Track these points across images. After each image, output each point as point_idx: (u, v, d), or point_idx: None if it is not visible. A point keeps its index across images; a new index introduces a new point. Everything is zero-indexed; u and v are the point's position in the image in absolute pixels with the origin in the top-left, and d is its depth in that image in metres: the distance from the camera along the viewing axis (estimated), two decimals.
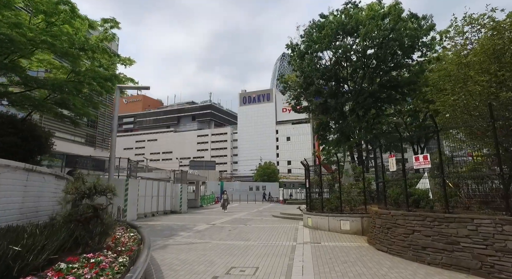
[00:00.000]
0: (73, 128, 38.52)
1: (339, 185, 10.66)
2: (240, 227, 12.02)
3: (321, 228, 10.66)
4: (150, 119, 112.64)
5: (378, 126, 22.71)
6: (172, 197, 20.05)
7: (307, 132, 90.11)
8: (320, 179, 11.42)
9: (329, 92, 22.99)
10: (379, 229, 7.50)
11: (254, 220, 15.47)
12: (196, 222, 13.73)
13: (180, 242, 8.70)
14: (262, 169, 62.27)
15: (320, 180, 11.40)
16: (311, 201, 12.19)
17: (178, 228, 11.60)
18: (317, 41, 21.17)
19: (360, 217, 9.53)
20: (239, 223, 13.82)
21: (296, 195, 46.25)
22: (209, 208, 26.52)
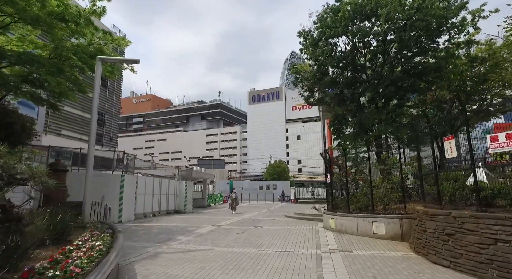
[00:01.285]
0: (79, 126, 37.73)
1: (370, 179, 8.79)
2: (249, 230, 10.31)
3: (347, 231, 8.84)
4: (159, 118, 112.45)
5: (400, 117, 20.64)
6: (176, 196, 18.51)
7: (317, 131, 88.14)
8: (346, 173, 9.57)
9: (346, 82, 21.01)
10: (433, 235, 5.65)
11: (266, 221, 13.73)
12: (199, 224, 12.09)
13: (175, 249, 7.04)
14: (272, 168, 60.45)
15: (346, 174, 9.54)
16: (333, 199, 10.35)
17: (177, 230, 9.97)
18: (332, 26, 19.24)
19: (398, 218, 7.67)
20: (249, 224, 12.10)
21: (308, 194, 44.19)
22: (216, 208, 24.93)
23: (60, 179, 9.26)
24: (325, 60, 20.68)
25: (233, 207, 18.27)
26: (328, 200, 11.11)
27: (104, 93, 45.46)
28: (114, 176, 12.28)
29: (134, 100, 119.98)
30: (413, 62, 19.43)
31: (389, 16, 17.04)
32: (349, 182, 10.45)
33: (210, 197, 28.57)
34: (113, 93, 47.08)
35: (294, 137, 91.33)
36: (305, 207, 27.15)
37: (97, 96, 7.25)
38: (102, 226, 6.55)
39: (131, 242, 7.75)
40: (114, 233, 5.70)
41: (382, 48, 19.29)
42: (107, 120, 46.18)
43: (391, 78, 18.83)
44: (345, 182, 10.35)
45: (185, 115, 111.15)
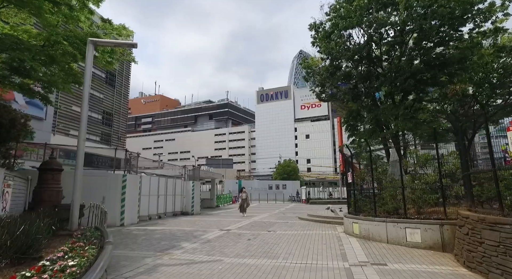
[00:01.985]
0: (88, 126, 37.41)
1: (401, 178, 7.63)
2: (262, 235, 9.28)
3: (374, 238, 7.72)
4: (168, 118, 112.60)
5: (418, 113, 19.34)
6: (183, 196, 17.63)
7: (326, 130, 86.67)
8: (372, 171, 8.43)
9: (361, 75, 19.76)
10: (496, 249, 4.51)
11: (278, 224, 12.69)
12: (207, 227, 11.14)
13: (178, 260, 6.07)
14: (282, 167, 59.29)
15: (372, 173, 8.41)
16: (356, 201, 9.22)
17: (182, 235, 9.03)
18: (346, 16, 18.05)
19: (438, 224, 6.51)
20: (261, 228, 11.08)
21: (320, 194, 42.79)
22: (225, 209, 24.01)
23: (54, 179, 8.45)
24: (338, 53, 19.47)
25: (243, 208, 16.44)
26: (349, 202, 9.99)
27: (112, 92, 45.25)
28: (115, 176, 11.44)
29: (142, 100, 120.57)
30: (434, 53, 18.05)
31: (409, 3, 15.72)
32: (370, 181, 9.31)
33: (219, 197, 27.69)
34: (121, 93, 46.79)
35: (303, 136, 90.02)
36: (318, 208, 25.95)
37: (88, 83, 6.34)
38: (93, 233, 5.63)
39: (128, 250, 6.83)
40: (105, 243, 4.76)
41: (400, 39, 17.93)
42: (115, 119, 45.94)
43: (411, 70, 17.46)
44: (368, 182, 9.24)
45: (193, 115, 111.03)
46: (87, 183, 10.78)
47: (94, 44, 6.46)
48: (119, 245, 7.40)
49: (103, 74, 41.02)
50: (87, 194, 10.61)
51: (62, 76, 8.31)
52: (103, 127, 42.57)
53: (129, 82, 48.59)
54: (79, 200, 6.24)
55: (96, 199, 10.70)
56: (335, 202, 34.22)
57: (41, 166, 8.30)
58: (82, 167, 6.48)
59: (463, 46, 16.74)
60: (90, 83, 6.43)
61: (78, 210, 6.17)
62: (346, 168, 10.28)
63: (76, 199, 6.16)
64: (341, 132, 62.11)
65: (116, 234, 9.03)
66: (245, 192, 17.13)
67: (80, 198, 6.32)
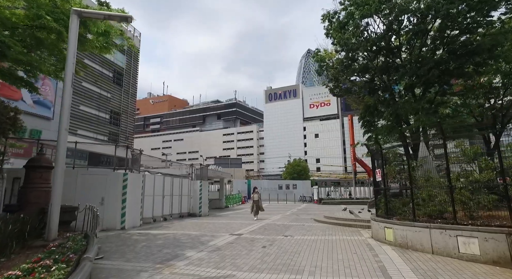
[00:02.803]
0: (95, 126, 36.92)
1: (447, 174, 6.32)
2: (278, 241, 8.11)
3: (414, 247, 6.44)
4: (176, 119, 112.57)
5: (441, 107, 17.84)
6: (190, 197, 16.60)
7: (336, 129, 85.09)
8: (409, 167, 7.11)
9: (380, 67, 18.37)
10: None
11: (294, 227, 11.48)
12: (216, 231, 10.02)
13: (180, 275, 4.95)
14: (291, 167, 57.92)
15: (409, 168, 7.08)
16: (387, 202, 7.92)
17: (188, 242, 7.92)
18: (364, 3, 16.75)
19: (505, 233, 5.22)
20: (275, 232, 9.91)
21: (332, 194, 41.26)
22: (235, 209, 22.92)
23: (43, 177, 7.46)
24: (355, 44, 18.17)
25: (255, 211, 14.52)
26: (377, 203, 8.71)
27: (119, 92, 44.83)
28: (115, 175, 10.44)
29: (151, 100, 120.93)
30: (460, 41, 16.52)
31: None
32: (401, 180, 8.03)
33: (228, 197, 26.63)
34: (128, 92, 46.42)
35: (312, 136, 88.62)
36: (332, 209, 24.59)
37: (72, 61, 5.30)
38: (77, 243, 4.57)
39: (122, 261, 5.76)
40: (81, 259, 3.66)
41: (423, 26, 16.46)
42: (123, 119, 45.54)
43: (435, 60, 15.97)
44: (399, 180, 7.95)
45: (202, 114, 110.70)
46: (85, 183, 9.83)
47: (79, 16, 5.42)
48: (113, 254, 6.34)
49: (111, 73, 40.60)
50: (85, 194, 9.66)
51: (53, 62, 7.35)
52: (111, 127, 42.16)
53: (137, 81, 48.12)
54: (58, 202, 5.19)
55: (94, 200, 9.74)
56: (348, 203, 32.78)
57: (28, 164, 7.33)
58: (63, 164, 5.44)
59: (495, 32, 15.17)
60: (75, 62, 5.40)
61: (57, 214, 5.12)
62: (374, 165, 9.04)
63: (56, 201, 5.12)
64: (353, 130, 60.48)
65: (113, 240, 8.01)
66: (258, 193, 14.82)
67: (60, 199, 5.26)
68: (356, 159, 50.73)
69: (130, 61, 45.19)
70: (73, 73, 5.30)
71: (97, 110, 38.31)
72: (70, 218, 7.19)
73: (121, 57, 43.50)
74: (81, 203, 9.49)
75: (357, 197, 35.87)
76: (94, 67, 36.97)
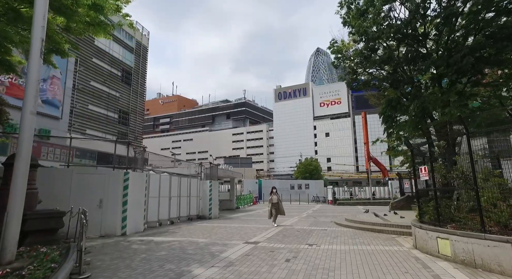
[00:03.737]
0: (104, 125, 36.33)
1: None
2: (303, 252, 6.77)
3: (488, 267, 4.95)
4: (185, 119, 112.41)
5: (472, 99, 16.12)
6: (199, 198, 15.41)
7: (347, 127, 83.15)
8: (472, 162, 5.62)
9: (405, 57, 16.77)
10: None
11: (316, 232, 10.10)
12: (228, 238, 8.75)
13: None
14: (303, 166, 56.27)
15: (472, 164, 5.60)
16: (438, 206, 6.43)
17: (195, 253, 6.66)
18: None
19: None
20: (297, 240, 8.56)
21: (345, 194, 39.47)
22: (246, 211, 21.65)
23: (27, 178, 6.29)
24: (376, 32, 16.65)
25: (274, 216, 12.12)
26: (420, 206, 7.24)
27: (128, 91, 44.21)
28: (115, 174, 9.29)
29: (160, 101, 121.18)
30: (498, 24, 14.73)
31: None
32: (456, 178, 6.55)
33: (239, 198, 25.40)
34: (137, 91, 45.83)
35: (323, 134, 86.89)
36: (349, 209, 23.03)
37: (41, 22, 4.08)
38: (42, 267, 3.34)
39: None
40: None
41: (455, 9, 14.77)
42: (132, 118, 44.96)
43: (470, 46, 14.25)
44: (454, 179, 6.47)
45: (211, 114, 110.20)
46: (81, 183, 8.71)
47: None
48: (104, 271, 5.13)
49: (119, 73, 40.09)
50: (81, 196, 8.54)
51: None
52: (120, 127, 41.69)
53: (146, 80, 47.62)
54: (18, 209, 3.93)
55: (92, 203, 8.62)
56: (365, 203, 31.08)
57: (7, 161, 6.22)
58: (28, 158, 4.22)
59: None
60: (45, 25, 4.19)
61: (16, 226, 3.88)
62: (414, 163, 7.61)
63: (15, 207, 3.86)
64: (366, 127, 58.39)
65: (108, 251, 6.82)
66: (277, 194, 12.26)
67: (21, 205, 4.02)
68: (371, 158, 48.79)
69: (139, 60, 44.58)
70: (42, 39, 4.11)
71: (105, 109, 37.74)
72: (56, 226, 6.04)
73: (130, 56, 42.95)
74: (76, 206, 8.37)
75: (367, 197, 34.10)
76: (103, 66, 36.39)
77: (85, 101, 35.07)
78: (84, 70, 33.09)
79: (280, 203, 12.15)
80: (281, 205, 12.18)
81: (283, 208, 12.39)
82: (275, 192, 12.30)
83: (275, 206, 12.00)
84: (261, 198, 38.99)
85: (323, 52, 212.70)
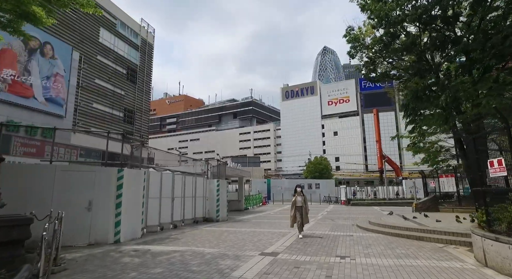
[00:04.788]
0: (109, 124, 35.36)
1: None
2: (337, 268, 5.29)
3: None
4: (192, 118, 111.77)
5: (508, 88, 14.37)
6: (206, 199, 14.02)
7: (356, 126, 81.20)
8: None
9: (433, 41, 15.09)
10: None
11: (342, 239, 8.59)
12: (240, 248, 7.31)
13: None
14: (313, 165, 54.56)
15: None
16: None
17: (200, 271, 5.21)
18: None
19: None
20: (322, 249, 7.07)
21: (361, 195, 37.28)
22: (256, 212, 20.23)
23: None
24: (398, 16, 15.11)
25: (299, 224, 9.08)
26: (488, 211, 5.67)
27: (133, 89, 43.23)
28: (106, 171, 7.93)
29: (167, 100, 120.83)
30: None
31: None
32: None
33: (247, 198, 23.98)
34: (142, 89, 44.88)
35: (331, 133, 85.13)
36: (365, 211, 21.39)
37: None
38: None
39: None
40: None
41: None
42: (137, 117, 44.03)
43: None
44: None
45: (218, 114, 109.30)
46: (67, 182, 7.39)
47: None
48: None
49: (124, 70, 39.20)
50: (66, 197, 7.22)
51: None
52: (125, 125, 40.83)
53: (151, 78, 46.75)
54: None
55: (79, 205, 7.30)
56: (380, 203, 29.31)
57: None
58: None
59: None
60: None
61: None
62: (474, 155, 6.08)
63: None
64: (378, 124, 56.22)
65: (91, 266, 5.43)
66: (302, 195, 9.43)
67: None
68: (383, 157, 46.82)
69: (144, 57, 43.63)
70: None
71: (110, 107, 36.77)
72: (20, 236, 4.67)
73: (135, 54, 41.99)
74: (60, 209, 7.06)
75: (390, 197, 32.23)
76: (108, 64, 35.43)
77: (90, 99, 34.16)
78: (88, 68, 32.11)
79: (306, 206, 9.36)
80: (307, 209, 9.44)
81: (308, 215, 9.56)
82: (301, 192, 9.40)
83: (300, 211, 9.12)
84: (270, 199, 37.53)
85: (330, 51, 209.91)
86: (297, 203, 9.26)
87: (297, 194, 9.36)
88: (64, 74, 28.40)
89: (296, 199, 9.29)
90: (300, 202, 9.23)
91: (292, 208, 9.25)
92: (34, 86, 24.75)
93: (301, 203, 9.23)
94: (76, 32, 28.35)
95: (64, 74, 28.48)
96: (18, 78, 23.60)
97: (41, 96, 26.13)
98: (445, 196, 17.18)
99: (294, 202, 9.29)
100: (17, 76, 23.44)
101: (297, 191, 9.37)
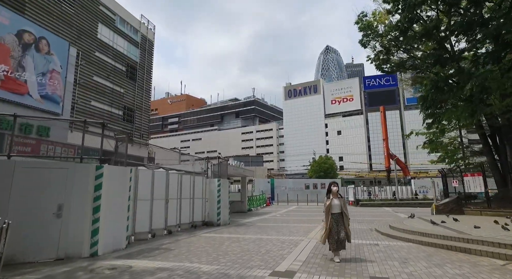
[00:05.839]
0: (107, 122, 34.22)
1: None
2: None
3: None
4: (194, 118, 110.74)
5: None
6: (206, 200, 12.58)
7: (360, 125, 79.78)
8: None
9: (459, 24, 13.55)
10: None
11: (367, 249, 7.10)
12: (245, 265, 5.83)
13: None
14: (317, 164, 53.05)
15: None
16: None
17: None
18: None
19: None
20: (349, 267, 5.58)
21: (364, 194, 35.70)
22: (260, 214, 18.77)
23: None
24: None
25: (339, 242, 5.90)
26: None
27: (133, 87, 41.89)
28: (81, 169, 6.51)
29: (169, 100, 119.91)
30: None
31: None
32: None
33: (251, 199, 22.54)
34: (142, 87, 43.58)
35: (335, 132, 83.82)
36: (376, 212, 19.83)
37: None
38: None
39: None
40: None
41: None
42: (137, 116, 42.74)
43: None
44: None
45: (220, 113, 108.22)
46: (29, 182, 5.96)
47: None
48: None
49: (124, 68, 38.01)
50: (29, 201, 5.80)
51: None
52: (125, 124, 39.60)
53: (151, 76, 45.57)
54: None
55: (45, 210, 5.88)
56: (391, 204, 27.82)
57: None
58: None
59: None
60: None
61: None
62: None
63: None
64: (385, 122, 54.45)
65: None
66: (340, 197, 6.21)
67: None
68: (391, 156, 45.18)
69: (144, 54, 42.29)
70: None
71: (109, 106, 35.41)
72: None
73: (135, 50, 40.63)
74: (21, 215, 5.65)
75: (401, 197, 30.64)
76: (106, 61, 34.10)
77: (88, 97, 32.88)
78: (86, 64, 30.77)
79: (347, 214, 6.08)
80: (348, 216, 6.09)
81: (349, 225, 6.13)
82: (337, 192, 6.24)
83: (338, 220, 5.99)
84: (274, 199, 36.09)
85: (332, 50, 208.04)
86: (333, 208, 6.00)
87: (333, 195, 6.14)
88: (60, 71, 27.13)
89: (332, 203, 6.03)
90: (339, 207, 6.00)
91: (327, 216, 6.02)
92: (29, 82, 23.48)
93: (339, 208, 5.99)
94: (73, 28, 27.00)
95: (61, 71, 27.21)
96: (12, 74, 22.33)
97: (36, 93, 24.85)
98: (468, 197, 15.69)
99: (329, 207, 6.01)
100: (10, 71, 22.17)
101: (333, 190, 6.15)
